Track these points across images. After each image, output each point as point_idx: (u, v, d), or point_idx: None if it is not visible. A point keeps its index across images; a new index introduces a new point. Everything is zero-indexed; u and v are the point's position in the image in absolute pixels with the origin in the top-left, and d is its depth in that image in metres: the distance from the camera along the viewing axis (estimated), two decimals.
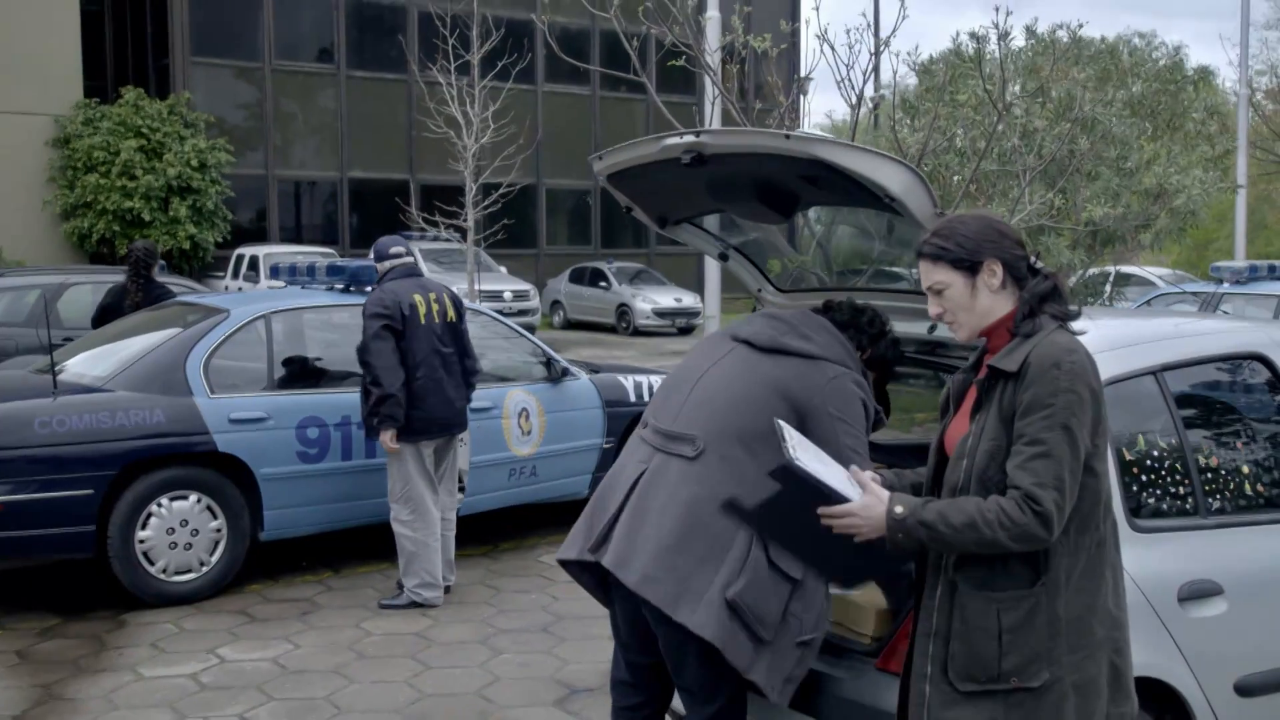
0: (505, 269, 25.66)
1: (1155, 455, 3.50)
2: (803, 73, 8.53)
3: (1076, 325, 2.71)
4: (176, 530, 6.45)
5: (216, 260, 24.11)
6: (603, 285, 27.09)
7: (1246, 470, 3.70)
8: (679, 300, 26.43)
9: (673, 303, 26.22)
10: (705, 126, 5.32)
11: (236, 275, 22.09)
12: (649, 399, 4.23)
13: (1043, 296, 2.68)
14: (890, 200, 3.25)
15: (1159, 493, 3.48)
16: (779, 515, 2.76)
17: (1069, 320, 2.69)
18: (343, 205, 28.69)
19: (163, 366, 6.61)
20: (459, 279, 18.20)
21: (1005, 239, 2.72)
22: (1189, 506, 3.51)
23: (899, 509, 2.60)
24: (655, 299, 26.21)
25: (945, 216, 2.89)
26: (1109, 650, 2.66)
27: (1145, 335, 3.85)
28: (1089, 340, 2.70)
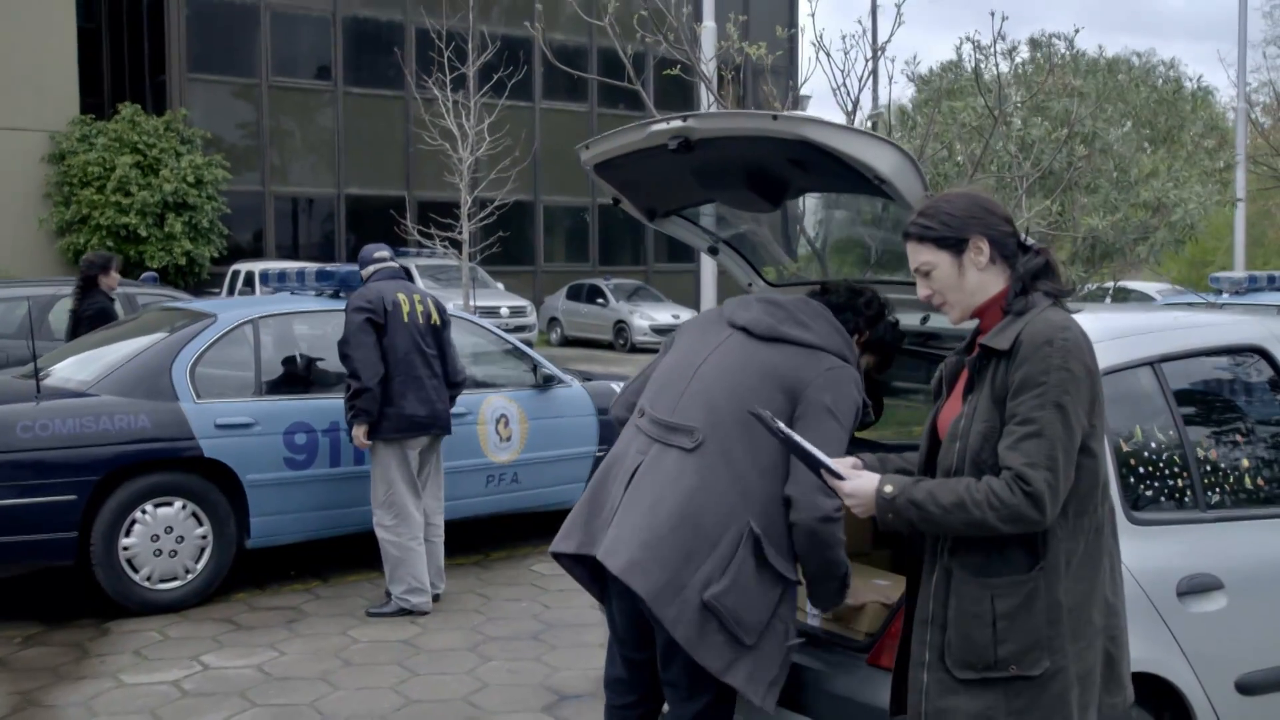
0: (502, 285, 25.62)
1: (1153, 447, 3.42)
2: (800, 80, 8.50)
3: (1072, 308, 2.64)
4: (161, 537, 6.36)
5: (213, 276, 24.04)
6: (600, 302, 27.07)
7: (1246, 464, 3.62)
8: (676, 317, 26.35)
9: (670, 319, 26.14)
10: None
11: (232, 291, 22.03)
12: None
13: (1035, 273, 2.62)
14: (880, 182, 3.17)
15: (1157, 485, 3.40)
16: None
17: (1062, 297, 2.63)
18: (339, 221, 28.64)
19: (148, 371, 6.52)
20: (455, 295, 18.12)
21: (991, 215, 2.65)
22: (1188, 500, 3.43)
23: (889, 488, 2.55)
24: (653, 316, 26.18)
25: (932, 196, 2.83)
26: (1104, 638, 2.60)
27: (1143, 326, 3.77)
28: (1085, 329, 2.62)
